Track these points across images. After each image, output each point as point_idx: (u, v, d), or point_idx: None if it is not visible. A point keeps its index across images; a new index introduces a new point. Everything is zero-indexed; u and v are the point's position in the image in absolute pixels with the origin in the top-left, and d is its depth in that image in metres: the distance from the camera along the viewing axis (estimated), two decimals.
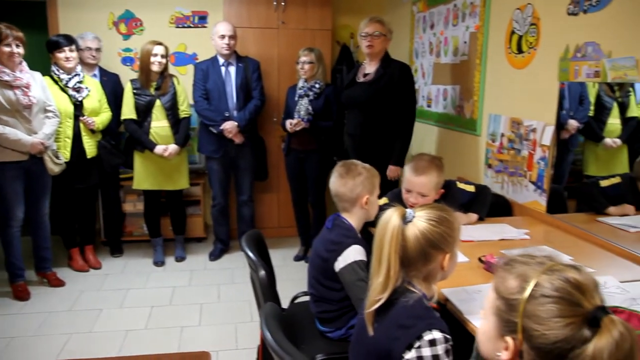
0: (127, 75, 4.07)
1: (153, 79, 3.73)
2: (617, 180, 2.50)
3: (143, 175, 3.84)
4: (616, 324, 0.75)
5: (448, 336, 1.23)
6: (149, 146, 3.72)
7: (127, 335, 2.96)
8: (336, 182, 1.97)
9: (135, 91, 3.73)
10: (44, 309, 3.26)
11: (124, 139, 3.95)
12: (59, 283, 3.59)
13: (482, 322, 0.98)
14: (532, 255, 0.91)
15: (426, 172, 2.28)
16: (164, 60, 3.71)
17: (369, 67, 3.28)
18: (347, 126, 3.46)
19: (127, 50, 4.44)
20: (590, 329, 0.77)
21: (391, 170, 3.24)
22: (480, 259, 1.93)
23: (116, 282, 3.70)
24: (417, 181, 2.29)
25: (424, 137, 3.92)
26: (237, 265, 4.04)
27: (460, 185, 2.55)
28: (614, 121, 2.56)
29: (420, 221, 1.28)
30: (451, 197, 2.48)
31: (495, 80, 2.96)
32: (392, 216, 1.27)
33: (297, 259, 4.14)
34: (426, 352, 1.20)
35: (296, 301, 2.33)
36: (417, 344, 1.21)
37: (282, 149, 4.13)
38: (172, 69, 4.28)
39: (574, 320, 0.78)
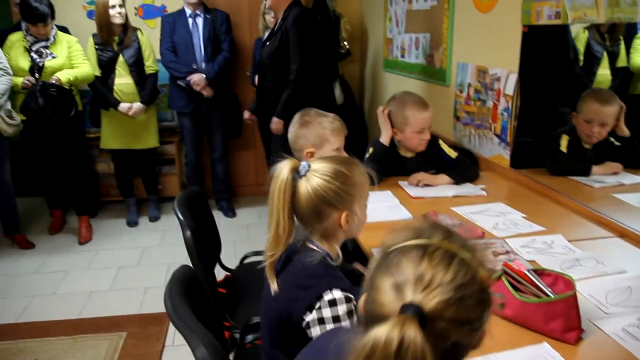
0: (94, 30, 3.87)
1: (115, 33, 3.57)
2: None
3: (110, 135, 3.74)
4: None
5: (350, 295, 1.16)
6: (112, 103, 3.59)
7: (90, 297, 2.93)
8: (289, 129, 1.86)
9: (97, 47, 3.58)
10: (8, 272, 3.23)
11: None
12: (28, 245, 3.55)
13: None
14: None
15: None
16: (123, 10, 3.52)
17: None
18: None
19: (92, 3, 4.24)
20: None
21: (274, 123, 2.96)
22: (424, 217, 1.82)
23: (87, 243, 3.65)
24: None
25: (398, 90, 3.72)
26: None
27: (443, 147, 2.36)
28: (604, 72, 2.36)
29: (314, 176, 1.17)
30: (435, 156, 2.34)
31: (462, 26, 2.76)
32: (282, 169, 1.17)
33: None
34: (326, 313, 1.14)
35: (246, 261, 2.26)
36: (317, 305, 1.15)
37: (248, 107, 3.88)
38: (140, 23, 4.10)
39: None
